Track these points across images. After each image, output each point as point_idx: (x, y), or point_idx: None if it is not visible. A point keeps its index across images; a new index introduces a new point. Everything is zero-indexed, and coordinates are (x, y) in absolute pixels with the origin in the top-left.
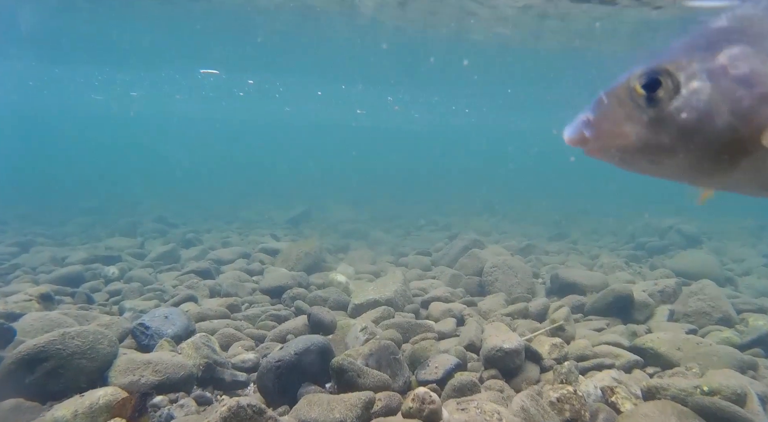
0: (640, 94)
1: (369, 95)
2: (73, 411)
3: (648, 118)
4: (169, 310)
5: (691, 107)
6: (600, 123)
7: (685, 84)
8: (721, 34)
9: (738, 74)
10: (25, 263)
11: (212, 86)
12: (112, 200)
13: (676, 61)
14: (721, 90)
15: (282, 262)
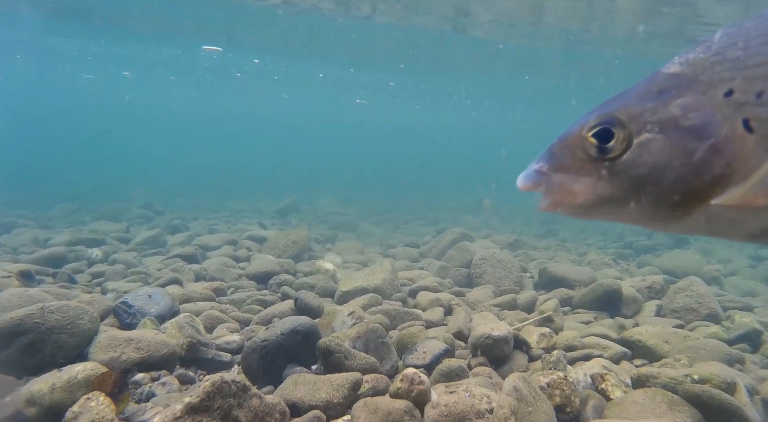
0: (592, 145)
1: (370, 81)
2: (51, 385)
3: (600, 170)
4: (154, 290)
5: (643, 159)
6: (552, 175)
7: (636, 135)
8: (673, 81)
9: (689, 126)
10: (5, 243)
11: (210, 67)
12: (99, 187)
13: (629, 110)
14: (672, 142)
15: (269, 249)
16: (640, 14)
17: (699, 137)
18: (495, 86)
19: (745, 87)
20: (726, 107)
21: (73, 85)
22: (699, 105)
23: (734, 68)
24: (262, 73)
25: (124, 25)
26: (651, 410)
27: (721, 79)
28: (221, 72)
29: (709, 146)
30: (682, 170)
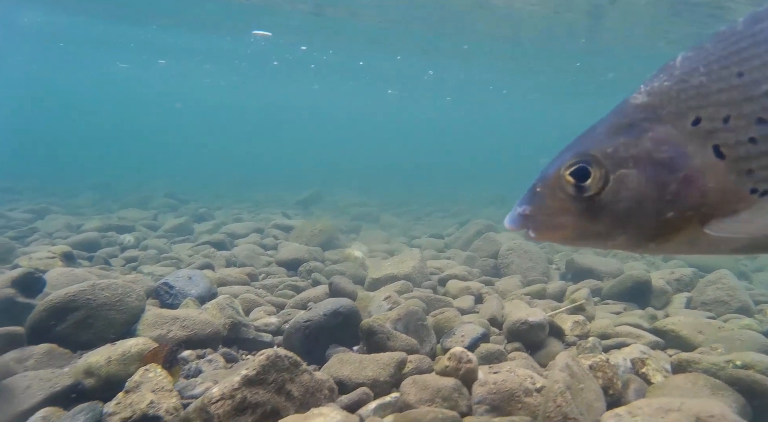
0: (570, 184)
1: (409, 71)
2: (107, 357)
3: (581, 208)
4: (193, 272)
5: (621, 195)
6: (536, 216)
7: (612, 172)
8: (642, 113)
9: (662, 159)
10: (41, 228)
11: (249, 55)
12: (122, 176)
13: (603, 147)
14: (647, 177)
15: (296, 238)
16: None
17: (672, 170)
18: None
19: (712, 114)
20: (695, 136)
21: (108, 75)
22: (669, 137)
23: (699, 96)
24: (301, 62)
25: (175, 11)
26: (693, 394)
27: (688, 107)
28: (258, 60)
29: (683, 177)
30: (659, 202)
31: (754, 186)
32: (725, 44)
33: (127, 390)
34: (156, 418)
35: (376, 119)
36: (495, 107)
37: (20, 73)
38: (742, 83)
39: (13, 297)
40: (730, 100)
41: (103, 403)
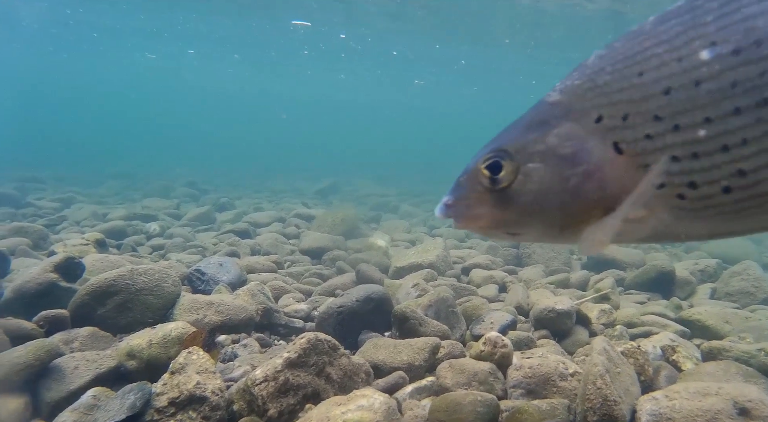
0: (486, 177)
1: (443, 59)
2: (148, 340)
3: (495, 199)
4: (223, 258)
5: (528, 188)
6: (457, 206)
7: (522, 165)
8: (553, 110)
9: (565, 154)
10: (69, 216)
11: (280, 44)
12: (142, 166)
13: (515, 142)
14: (551, 170)
15: (318, 227)
16: None
17: (574, 164)
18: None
19: (612, 112)
20: (597, 133)
21: (135, 65)
22: (573, 133)
23: (602, 94)
24: (331, 51)
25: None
26: (726, 381)
27: (592, 105)
28: (289, 49)
29: (583, 171)
30: (563, 195)
31: (649, 181)
32: (632, 44)
33: (173, 371)
34: (203, 398)
35: (398, 109)
36: (522, 97)
37: (47, 62)
38: (641, 82)
39: (56, 281)
40: (629, 98)
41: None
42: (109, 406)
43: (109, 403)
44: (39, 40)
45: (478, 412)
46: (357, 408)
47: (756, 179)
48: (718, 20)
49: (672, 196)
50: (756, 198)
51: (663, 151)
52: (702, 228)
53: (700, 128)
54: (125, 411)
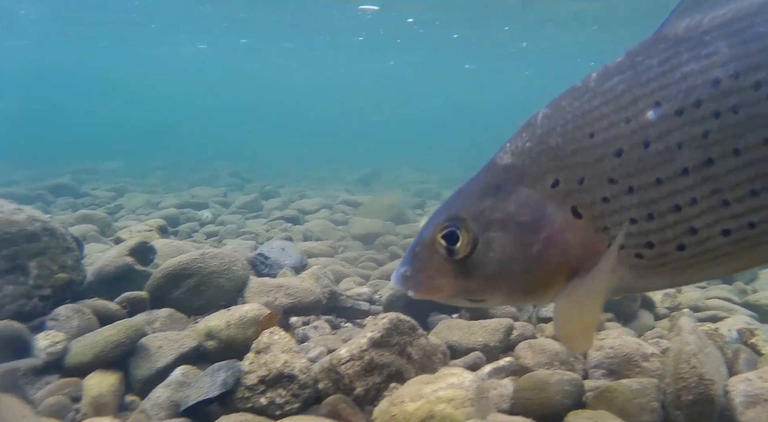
0: (443, 247)
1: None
2: (226, 321)
3: (455, 268)
4: (285, 243)
5: (489, 257)
6: (417, 278)
7: (480, 235)
8: (507, 174)
9: (524, 221)
10: (124, 205)
11: (337, 30)
12: (185, 157)
13: (471, 209)
14: (512, 238)
15: (365, 213)
16: None
17: (534, 231)
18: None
19: (568, 176)
20: (555, 198)
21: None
22: (530, 200)
23: (556, 157)
24: (390, 36)
25: None
26: None
27: (547, 170)
28: (345, 36)
29: (544, 238)
30: (526, 262)
31: (610, 242)
32: (579, 103)
33: (258, 350)
34: (291, 377)
35: (444, 94)
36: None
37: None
38: (593, 144)
39: (131, 265)
40: (583, 161)
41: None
42: (199, 383)
43: (199, 380)
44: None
45: (565, 390)
46: (448, 386)
47: (707, 235)
48: (659, 78)
49: (631, 256)
50: (708, 252)
51: (620, 213)
52: (659, 282)
53: (652, 188)
54: (218, 388)
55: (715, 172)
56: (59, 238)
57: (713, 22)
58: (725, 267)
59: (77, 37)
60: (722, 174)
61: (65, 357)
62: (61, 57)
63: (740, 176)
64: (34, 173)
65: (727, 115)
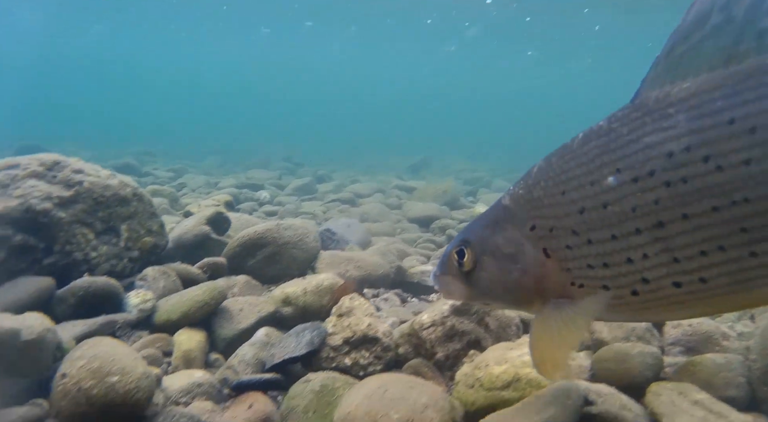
0: (455, 261)
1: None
2: (303, 289)
3: (463, 279)
4: (350, 220)
5: (482, 275)
6: (441, 281)
7: (479, 256)
8: (504, 213)
9: (508, 253)
10: (186, 183)
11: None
12: (237, 143)
13: (476, 236)
14: (498, 264)
15: (419, 199)
16: None
17: (514, 262)
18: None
19: (542, 223)
20: (531, 239)
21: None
22: (514, 237)
23: (535, 207)
24: (461, 18)
25: None
26: None
27: (529, 216)
28: (410, 18)
29: (520, 269)
30: (507, 285)
31: (572, 280)
32: (561, 162)
33: (340, 314)
34: (375, 339)
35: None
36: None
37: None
38: (563, 200)
39: (208, 234)
40: (554, 214)
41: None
42: (284, 343)
43: (283, 340)
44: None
45: (646, 363)
46: None
47: (658, 285)
48: (624, 147)
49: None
50: (661, 299)
51: (579, 260)
52: (622, 318)
53: (608, 243)
54: (304, 347)
55: (665, 233)
56: (146, 204)
57: (678, 95)
58: (683, 313)
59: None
60: (672, 235)
61: (154, 315)
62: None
63: (689, 238)
64: (100, 153)
65: (677, 185)
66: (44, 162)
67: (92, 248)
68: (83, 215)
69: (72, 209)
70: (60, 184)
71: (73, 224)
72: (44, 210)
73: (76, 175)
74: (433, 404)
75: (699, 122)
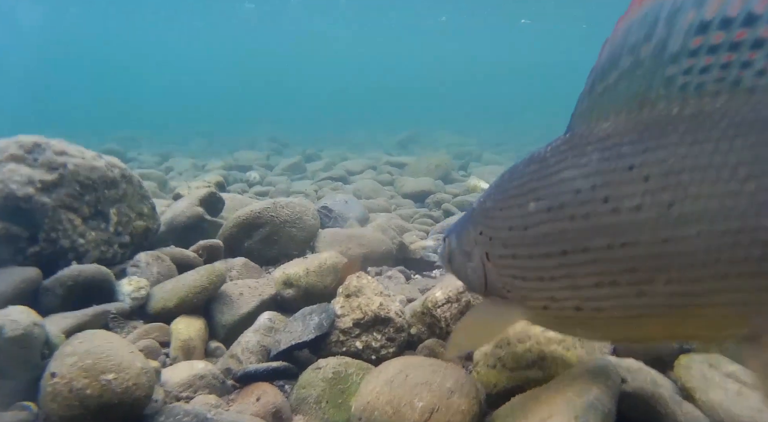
0: (443, 246)
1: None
2: (304, 269)
3: (448, 260)
4: (347, 196)
5: (454, 266)
6: (441, 258)
7: (452, 250)
8: (469, 215)
9: (464, 250)
10: (172, 167)
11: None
12: (222, 124)
13: (451, 232)
14: (459, 257)
15: (412, 174)
16: None
17: (468, 258)
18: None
19: (486, 232)
20: (479, 242)
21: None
22: (469, 238)
23: (484, 217)
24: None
25: None
26: None
27: (479, 222)
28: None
29: (472, 266)
30: (466, 277)
31: (503, 285)
32: (508, 179)
33: (347, 294)
34: (387, 319)
35: (484, 56)
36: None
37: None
38: (500, 216)
39: (202, 215)
40: (494, 226)
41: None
42: (290, 328)
43: (289, 325)
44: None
45: None
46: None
47: (563, 305)
48: (548, 177)
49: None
50: (567, 319)
51: (507, 269)
52: (543, 326)
53: (526, 260)
54: (313, 331)
55: (568, 261)
56: (136, 186)
57: (596, 135)
58: (591, 335)
59: (119, 4)
60: (574, 264)
61: (149, 303)
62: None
63: (588, 269)
64: (79, 141)
65: (579, 219)
66: (23, 144)
67: (80, 234)
68: (69, 199)
69: (56, 194)
70: (42, 167)
71: (58, 210)
72: (26, 196)
73: (59, 157)
74: (459, 389)
75: (605, 163)
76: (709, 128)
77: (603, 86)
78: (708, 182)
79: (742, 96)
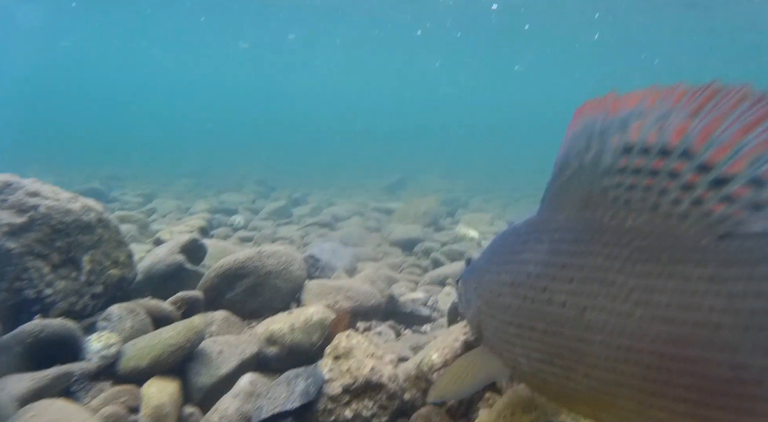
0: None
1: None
2: (290, 325)
3: (463, 306)
4: (335, 245)
5: (461, 307)
6: (458, 300)
7: (462, 293)
8: (472, 267)
9: (467, 297)
10: (156, 208)
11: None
12: (210, 165)
13: (466, 273)
14: (465, 303)
15: (399, 220)
16: None
17: (468, 304)
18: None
19: (477, 287)
20: (474, 293)
21: (226, 56)
22: (471, 287)
23: (478, 273)
24: (454, 28)
25: None
26: None
27: (475, 277)
28: (400, 28)
29: (471, 313)
30: (469, 321)
31: (488, 337)
32: (496, 246)
33: (336, 356)
34: (379, 386)
35: (477, 101)
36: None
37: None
38: (484, 279)
39: (182, 263)
40: (480, 283)
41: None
42: (272, 393)
43: (272, 390)
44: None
45: None
46: None
47: (523, 370)
48: (516, 254)
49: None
50: (529, 383)
51: (489, 324)
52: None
53: (498, 323)
54: (298, 398)
55: (521, 334)
56: (113, 231)
57: (551, 225)
58: (554, 401)
59: (111, 41)
60: (525, 337)
61: (119, 362)
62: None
63: (535, 345)
64: (63, 179)
65: (527, 301)
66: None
67: (47, 284)
68: (37, 245)
69: (24, 239)
70: (11, 209)
71: (25, 257)
72: None
73: (31, 198)
74: None
75: (550, 256)
76: (623, 246)
77: (560, 182)
78: (611, 297)
79: (658, 220)
